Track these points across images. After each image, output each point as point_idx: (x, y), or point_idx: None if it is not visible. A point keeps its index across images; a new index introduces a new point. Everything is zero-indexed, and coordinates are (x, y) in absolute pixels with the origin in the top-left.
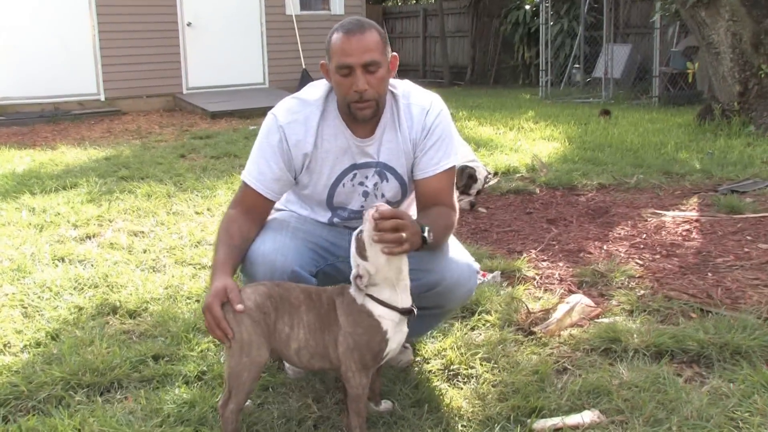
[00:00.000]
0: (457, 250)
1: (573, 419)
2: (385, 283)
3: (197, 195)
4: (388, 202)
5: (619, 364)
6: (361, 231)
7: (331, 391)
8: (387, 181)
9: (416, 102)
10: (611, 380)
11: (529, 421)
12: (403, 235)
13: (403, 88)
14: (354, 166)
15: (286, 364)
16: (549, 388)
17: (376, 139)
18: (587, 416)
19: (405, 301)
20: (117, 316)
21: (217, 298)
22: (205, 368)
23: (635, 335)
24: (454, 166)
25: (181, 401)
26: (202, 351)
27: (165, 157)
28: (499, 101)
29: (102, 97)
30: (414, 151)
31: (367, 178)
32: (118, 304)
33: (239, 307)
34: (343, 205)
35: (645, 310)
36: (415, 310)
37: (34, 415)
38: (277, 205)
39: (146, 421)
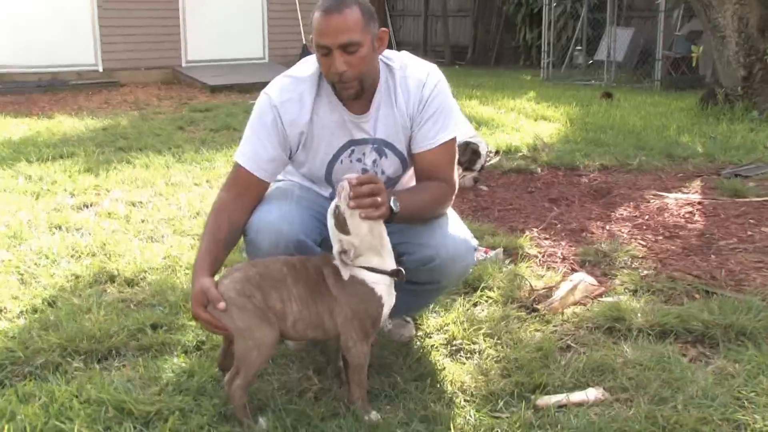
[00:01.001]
0: (455, 226)
1: (577, 396)
2: (371, 251)
3: (196, 167)
4: (389, 179)
5: (623, 342)
6: (337, 207)
7: (332, 364)
8: (386, 157)
9: (413, 74)
10: (615, 358)
11: (533, 397)
12: (379, 199)
13: (401, 60)
14: (351, 142)
15: None
16: (553, 365)
17: (371, 115)
18: (591, 393)
19: (390, 264)
20: (114, 284)
21: (198, 303)
22: (203, 338)
23: (639, 314)
24: (453, 140)
25: (180, 370)
26: None
27: (163, 128)
28: (500, 81)
29: (100, 68)
30: (411, 125)
31: (364, 154)
32: (115, 272)
33: (221, 305)
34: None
35: (649, 290)
36: (403, 271)
37: (30, 380)
38: (278, 177)
39: (144, 389)
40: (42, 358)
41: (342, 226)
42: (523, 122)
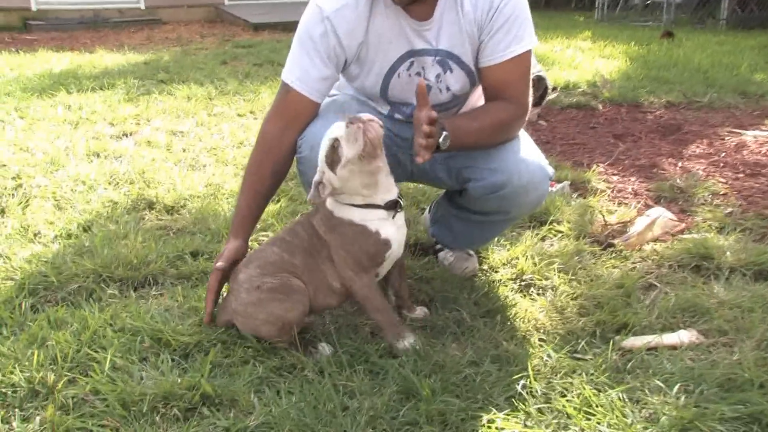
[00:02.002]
0: (528, 150)
1: (669, 338)
2: (356, 192)
3: (239, 98)
4: (455, 97)
5: (714, 282)
6: (337, 139)
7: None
8: (451, 71)
9: None
10: (708, 299)
11: (617, 338)
12: (423, 142)
13: None
14: (411, 53)
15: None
16: (636, 304)
17: (434, 21)
18: (684, 336)
19: (388, 194)
20: (153, 211)
21: (226, 258)
22: None
23: (729, 253)
24: (527, 54)
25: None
26: None
27: (206, 63)
28: (553, 22)
29: (142, 6)
30: (479, 35)
31: (425, 68)
32: (154, 199)
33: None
34: (403, 100)
35: (737, 228)
36: (401, 201)
37: (63, 306)
38: (332, 92)
39: (183, 319)
40: (76, 284)
41: (333, 162)
42: (580, 59)
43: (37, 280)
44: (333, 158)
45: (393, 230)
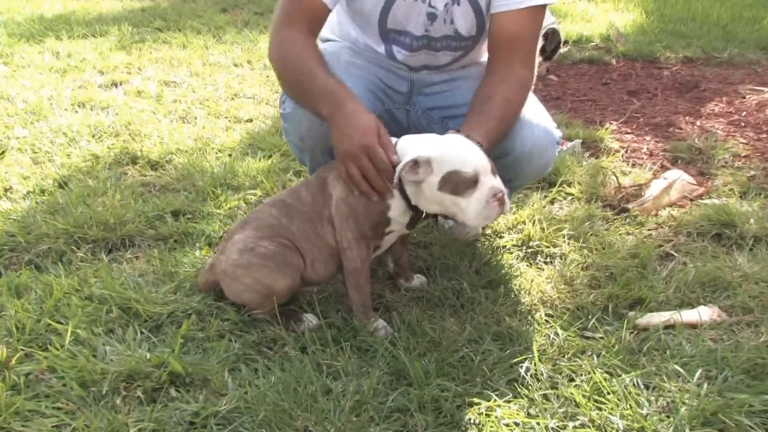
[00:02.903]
0: (534, 112)
1: (689, 315)
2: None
3: (237, 47)
4: (461, 38)
5: (737, 252)
6: (477, 179)
7: (381, 268)
8: (458, 4)
9: None
10: (731, 272)
11: (631, 314)
12: None
13: None
14: None
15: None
16: (652, 276)
17: None
18: (705, 313)
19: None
20: (137, 166)
21: (373, 136)
22: None
23: (753, 220)
24: (542, 9)
25: (202, 265)
26: (230, 209)
27: (205, 10)
28: None
29: None
30: None
31: None
32: (139, 153)
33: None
34: (403, 27)
35: (760, 194)
36: (424, 213)
37: (27, 269)
38: (325, 34)
39: (158, 286)
40: (45, 245)
41: (447, 184)
42: (593, 12)
43: (2, 241)
44: (456, 185)
45: (400, 219)
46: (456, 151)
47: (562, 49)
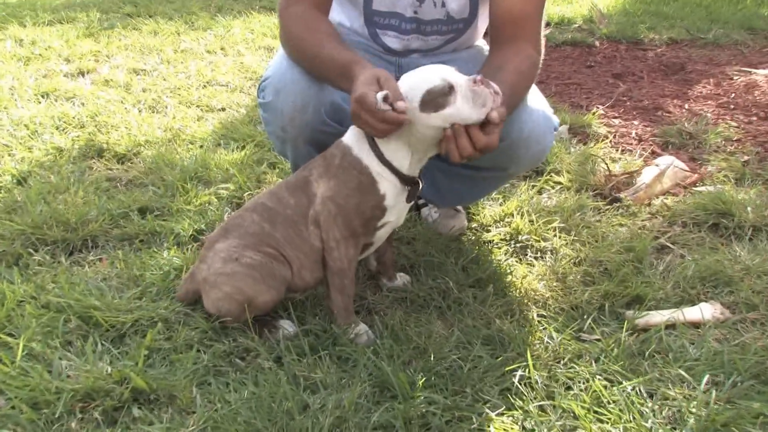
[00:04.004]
0: (532, 96)
1: (691, 313)
2: (402, 139)
3: (210, 33)
4: (452, 20)
5: (736, 243)
6: (453, 86)
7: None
8: None
9: None
10: (731, 265)
11: (629, 313)
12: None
13: None
14: None
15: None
16: (648, 271)
17: None
18: (707, 311)
19: (412, 170)
20: (103, 160)
21: (371, 86)
22: (203, 226)
23: (750, 209)
24: None
25: (170, 267)
26: (201, 205)
27: None
28: None
29: None
30: None
31: None
32: (105, 146)
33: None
34: (390, 9)
35: (755, 180)
36: (421, 183)
37: None
38: None
39: (121, 291)
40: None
41: (428, 103)
42: None
43: None
44: (436, 101)
45: (399, 207)
46: (418, 74)
47: (545, 32)
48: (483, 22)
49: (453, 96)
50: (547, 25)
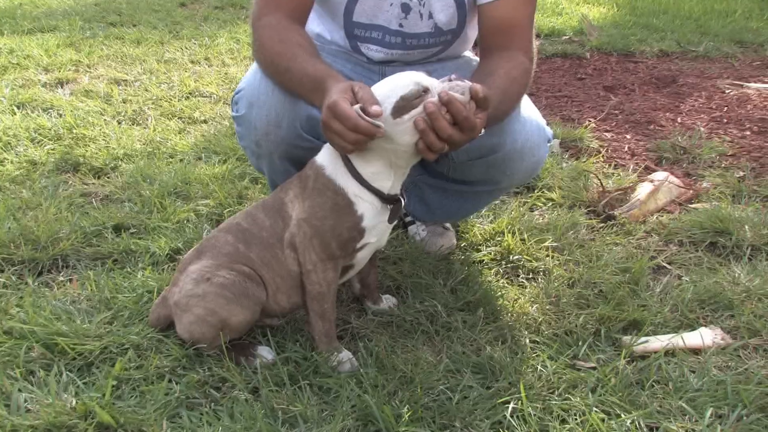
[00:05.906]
0: (525, 106)
1: (691, 339)
2: (383, 159)
3: (195, 43)
4: (440, 32)
5: (735, 264)
6: (427, 88)
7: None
8: None
9: None
10: (731, 287)
11: (626, 339)
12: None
13: None
14: None
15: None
16: (645, 293)
17: None
18: (707, 335)
19: (394, 189)
20: (78, 174)
21: (344, 94)
22: (180, 245)
23: (748, 227)
24: None
25: (144, 289)
26: (179, 222)
27: (162, 4)
28: None
29: None
30: None
31: None
32: (81, 159)
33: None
34: (371, 20)
35: (753, 196)
36: (403, 200)
37: None
38: None
39: (91, 315)
40: None
41: (402, 109)
42: (564, 4)
43: None
44: (411, 104)
45: (381, 228)
46: (391, 82)
47: (535, 43)
48: (472, 32)
49: (428, 97)
50: (537, 36)
